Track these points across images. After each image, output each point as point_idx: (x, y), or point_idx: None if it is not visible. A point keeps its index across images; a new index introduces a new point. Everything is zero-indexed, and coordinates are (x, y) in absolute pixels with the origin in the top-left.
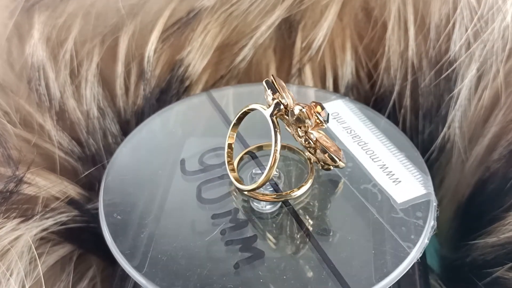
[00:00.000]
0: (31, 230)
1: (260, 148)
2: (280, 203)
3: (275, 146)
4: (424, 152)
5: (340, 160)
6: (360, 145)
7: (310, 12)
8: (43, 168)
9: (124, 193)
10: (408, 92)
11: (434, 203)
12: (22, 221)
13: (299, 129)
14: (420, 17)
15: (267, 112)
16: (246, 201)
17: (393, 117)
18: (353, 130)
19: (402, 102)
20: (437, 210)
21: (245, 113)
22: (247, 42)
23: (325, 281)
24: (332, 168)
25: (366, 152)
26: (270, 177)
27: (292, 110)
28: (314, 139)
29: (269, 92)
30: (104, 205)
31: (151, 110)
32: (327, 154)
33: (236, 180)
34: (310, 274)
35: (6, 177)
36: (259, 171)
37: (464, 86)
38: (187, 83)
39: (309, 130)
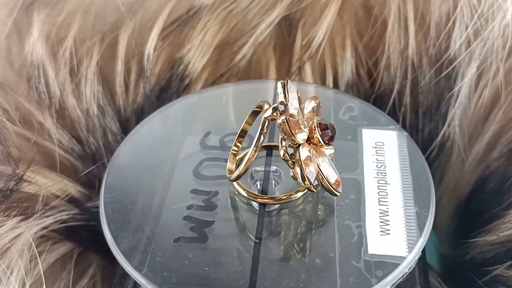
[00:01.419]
0: (31, 228)
1: (276, 147)
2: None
3: (255, 146)
4: (424, 150)
5: (314, 189)
6: (379, 183)
7: (310, 10)
8: (43, 166)
9: (124, 191)
10: (408, 90)
11: (406, 270)
12: (22, 219)
13: (283, 139)
14: (420, 15)
15: (264, 113)
16: (235, 191)
17: (393, 115)
18: (384, 165)
19: (402, 100)
20: (405, 277)
21: (257, 110)
22: (247, 40)
23: None
24: (314, 191)
25: (379, 192)
26: (243, 173)
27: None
28: (291, 153)
29: (279, 93)
30: (105, 203)
31: (151, 108)
32: (306, 181)
33: (228, 168)
34: (230, 276)
35: (6, 175)
36: (260, 169)
37: (464, 84)
38: (187, 81)
39: (301, 143)
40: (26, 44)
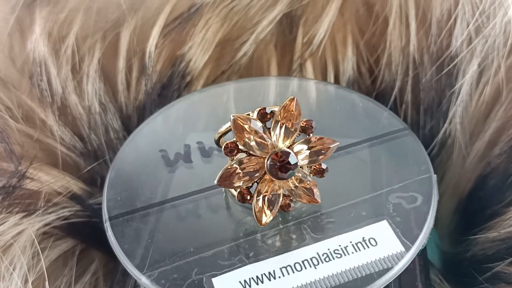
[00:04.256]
0: (34, 224)
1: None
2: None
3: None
4: (425, 148)
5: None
6: (317, 263)
7: (311, 7)
8: (46, 163)
9: (127, 189)
10: (409, 88)
11: None
12: (24, 216)
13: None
14: (422, 12)
15: (253, 112)
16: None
17: (394, 113)
18: (348, 253)
19: (403, 97)
20: None
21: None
22: (248, 38)
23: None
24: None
25: (307, 263)
26: (223, 135)
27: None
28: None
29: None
30: (108, 201)
31: (153, 105)
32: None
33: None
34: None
35: (8, 172)
36: None
37: (465, 82)
38: (188, 78)
39: (255, 156)
40: (28, 41)
